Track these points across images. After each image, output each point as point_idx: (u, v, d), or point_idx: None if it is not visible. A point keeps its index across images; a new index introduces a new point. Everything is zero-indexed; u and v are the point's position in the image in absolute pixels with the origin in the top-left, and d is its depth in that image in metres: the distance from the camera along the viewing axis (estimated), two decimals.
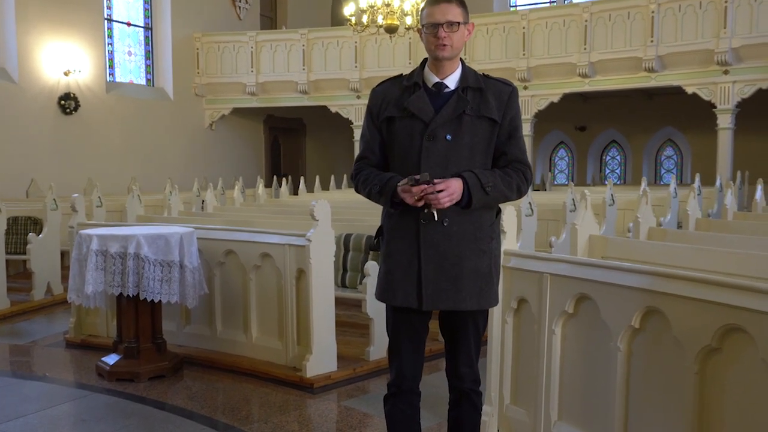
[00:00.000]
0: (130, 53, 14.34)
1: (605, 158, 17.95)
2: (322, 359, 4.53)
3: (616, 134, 17.46)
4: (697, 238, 4.77)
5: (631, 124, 16.72)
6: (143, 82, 14.61)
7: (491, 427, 3.53)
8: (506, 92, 2.58)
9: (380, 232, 2.70)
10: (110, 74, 13.77)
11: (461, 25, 2.51)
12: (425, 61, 2.63)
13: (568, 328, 3.18)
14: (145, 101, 14.13)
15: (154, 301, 4.54)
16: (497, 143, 2.58)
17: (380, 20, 10.47)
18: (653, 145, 17.18)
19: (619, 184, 16.28)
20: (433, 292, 2.52)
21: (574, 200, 7.33)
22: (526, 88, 12.90)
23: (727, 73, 11.51)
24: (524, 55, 12.97)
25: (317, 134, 17.80)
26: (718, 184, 10.49)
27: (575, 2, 14.27)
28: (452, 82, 2.57)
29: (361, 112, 13.95)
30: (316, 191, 12.73)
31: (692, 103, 12.57)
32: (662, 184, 15.42)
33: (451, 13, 2.49)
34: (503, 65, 12.80)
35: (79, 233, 4.72)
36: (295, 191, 12.93)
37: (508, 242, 3.39)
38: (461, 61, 2.62)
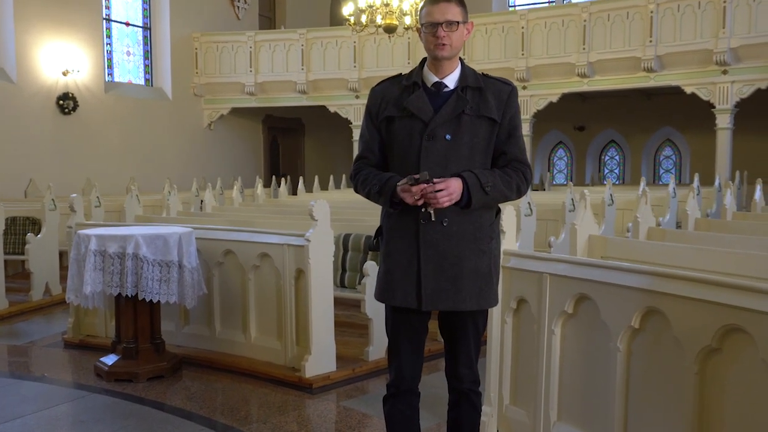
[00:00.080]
0: (128, 53, 14.33)
1: (604, 158, 17.96)
2: (321, 359, 4.52)
3: (614, 134, 17.47)
4: (696, 238, 4.77)
5: (629, 124, 16.73)
6: (142, 82, 14.60)
7: (491, 427, 3.52)
8: (506, 91, 2.57)
9: (379, 232, 2.69)
10: (109, 74, 13.76)
11: (460, 24, 2.51)
12: (424, 60, 2.62)
13: (567, 328, 3.17)
14: (143, 101, 14.12)
15: (152, 301, 4.53)
16: (497, 143, 2.57)
17: (379, 20, 10.46)
18: (652, 145, 17.19)
19: (617, 184, 16.30)
20: (432, 292, 2.51)
21: (573, 200, 7.33)
22: (525, 88, 12.90)
23: (725, 73, 11.51)
24: (523, 55, 12.97)
25: (316, 134, 17.79)
26: (717, 184, 10.50)
27: (574, 2, 14.27)
28: (451, 81, 2.56)
29: (359, 111, 13.95)
30: (315, 191, 12.72)
31: (691, 103, 12.58)
32: (661, 184, 15.42)
33: (450, 12, 2.48)
34: (502, 65, 12.80)
35: (77, 233, 4.71)
36: (293, 191, 12.92)
37: (507, 242, 3.38)
38: (460, 60, 2.61)
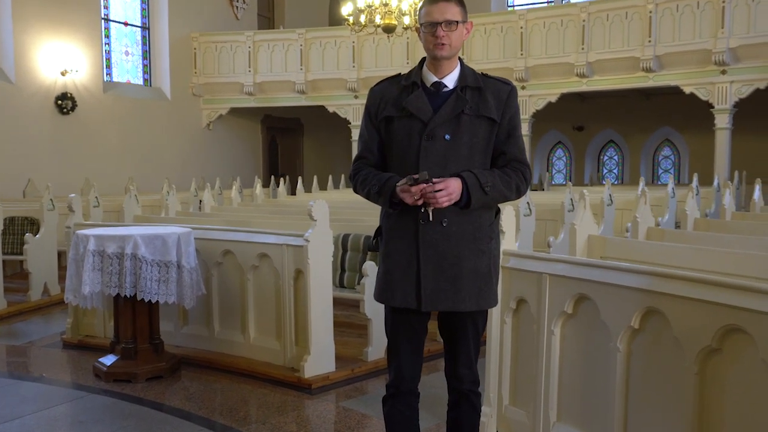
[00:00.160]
0: (127, 53, 14.31)
1: (603, 158, 17.96)
2: (320, 360, 4.51)
3: (613, 134, 17.48)
4: (695, 238, 4.76)
5: (628, 124, 16.74)
6: (140, 81, 14.58)
7: (490, 428, 3.51)
8: (505, 91, 2.56)
9: (379, 232, 2.68)
10: (107, 74, 13.74)
11: (460, 23, 2.50)
12: (424, 60, 2.61)
13: (567, 328, 3.17)
14: (142, 101, 14.10)
15: (151, 301, 4.52)
16: (496, 143, 2.56)
17: (378, 20, 10.45)
18: (651, 145, 17.19)
19: (616, 183, 16.31)
20: (431, 292, 2.50)
21: (572, 200, 7.32)
22: (524, 88, 12.90)
23: (724, 73, 11.51)
24: (522, 55, 12.97)
25: (315, 134, 17.78)
26: (715, 183, 10.51)
27: (573, 2, 14.26)
28: (451, 81, 2.55)
29: (358, 111, 13.95)
30: (313, 191, 12.71)
31: (690, 103, 12.59)
32: (659, 183, 15.42)
33: (449, 11, 2.48)
34: (501, 65, 12.80)
35: (76, 233, 4.71)
36: (292, 191, 12.90)
37: (506, 242, 3.38)
38: (460, 60, 2.60)
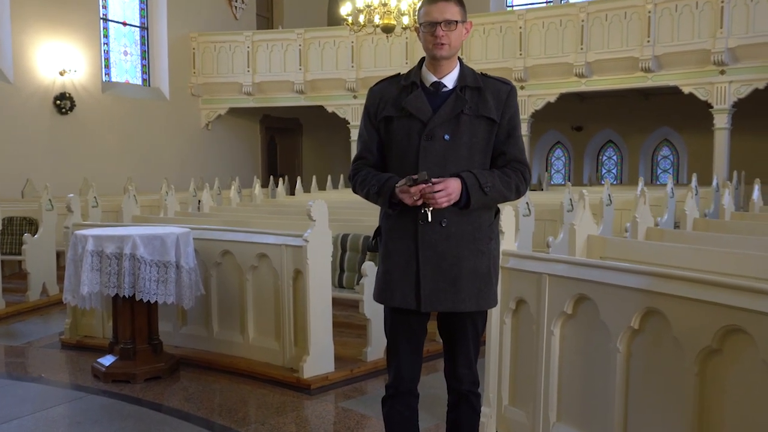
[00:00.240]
0: (126, 53, 14.29)
1: (602, 158, 17.97)
2: (319, 360, 4.51)
3: (612, 134, 17.48)
4: (695, 238, 4.76)
5: (627, 124, 16.74)
6: (139, 81, 14.56)
7: (490, 428, 3.51)
8: (505, 91, 2.56)
9: (378, 232, 2.68)
10: (106, 74, 13.72)
11: (459, 23, 2.49)
12: (423, 60, 2.60)
13: (566, 328, 3.16)
14: (141, 101, 14.09)
15: (150, 301, 4.52)
16: (496, 143, 2.55)
17: (377, 20, 10.44)
18: (649, 145, 17.20)
19: (615, 184, 16.31)
20: (431, 293, 2.50)
21: (571, 200, 7.32)
22: (522, 88, 12.89)
23: (723, 73, 11.51)
24: (521, 55, 12.97)
25: (314, 134, 17.78)
26: (714, 184, 10.51)
27: (572, 2, 14.26)
28: (450, 81, 2.55)
29: (357, 112, 13.93)
30: (312, 191, 12.72)
31: (689, 103, 12.59)
32: (658, 184, 15.42)
33: (448, 11, 2.47)
34: (500, 65, 12.79)
35: (74, 234, 4.70)
36: (291, 191, 12.89)
37: (506, 243, 3.38)
38: (459, 60, 2.59)
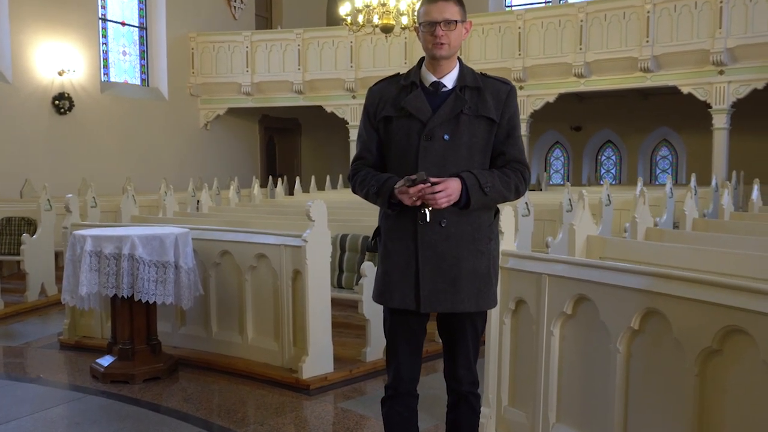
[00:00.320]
0: (124, 53, 14.28)
1: (600, 158, 17.97)
2: (318, 360, 4.50)
3: (611, 134, 17.48)
4: (694, 238, 4.75)
5: (626, 124, 16.74)
6: (138, 82, 14.55)
7: (489, 429, 3.50)
8: (504, 91, 2.55)
9: (377, 232, 2.67)
10: (105, 74, 13.70)
11: (458, 23, 2.49)
12: (422, 60, 2.60)
13: (566, 329, 3.15)
14: (139, 101, 14.08)
15: (148, 302, 4.51)
16: (495, 143, 2.55)
17: (376, 20, 10.43)
18: (648, 145, 17.20)
19: (614, 184, 16.31)
20: (430, 293, 2.49)
21: (570, 200, 7.32)
22: (521, 88, 12.88)
23: (722, 73, 11.51)
24: (520, 55, 12.96)
25: (313, 134, 17.77)
26: (713, 184, 10.51)
27: (571, 2, 14.27)
28: (450, 81, 2.54)
29: (356, 112, 13.93)
30: (311, 191, 12.71)
31: (687, 103, 12.58)
32: (657, 184, 15.42)
33: (448, 11, 2.46)
34: (499, 65, 12.78)
35: (73, 234, 4.69)
36: (290, 191, 12.89)
37: (505, 243, 3.37)
38: (459, 60, 2.59)
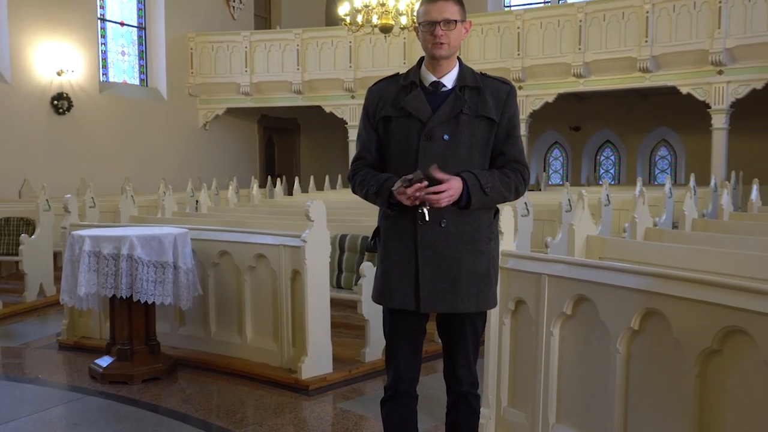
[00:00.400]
0: (123, 53, 14.27)
1: (599, 158, 17.97)
2: (317, 361, 4.49)
3: (610, 134, 17.48)
4: (694, 238, 4.75)
5: (625, 124, 16.74)
6: (137, 82, 14.54)
7: (489, 429, 3.49)
8: (504, 91, 2.55)
9: (377, 232, 2.66)
10: (103, 74, 13.69)
11: (458, 23, 2.48)
12: (422, 59, 2.59)
13: (566, 329, 3.15)
14: (138, 101, 14.06)
15: (147, 302, 4.50)
16: (495, 143, 2.54)
17: (375, 20, 10.43)
18: (647, 145, 17.21)
19: (613, 184, 16.31)
20: (430, 293, 2.49)
21: (569, 200, 7.31)
22: (520, 88, 12.88)
23: (721, 73, 11.51)
24: (519, 55, 12.97)
25: (312, 134, 17.76)
26: (713, 184, 10.51)
27: (570, 2, 14.27)
28: (449, 81, 2.53)
29: (355, 112, 13.92)
30: (310, 191, 12.70)
31: (686, 103, 12.59)
32: (656, 184, 15.43)
33: (448, 10, 2.46)
34: (498, 65, 12.78)
35: (71, 234, 4.68)
36: (289, 191, 12.88)
37: (505, 243, 3.36)
38: (458, 59, 2.58)
